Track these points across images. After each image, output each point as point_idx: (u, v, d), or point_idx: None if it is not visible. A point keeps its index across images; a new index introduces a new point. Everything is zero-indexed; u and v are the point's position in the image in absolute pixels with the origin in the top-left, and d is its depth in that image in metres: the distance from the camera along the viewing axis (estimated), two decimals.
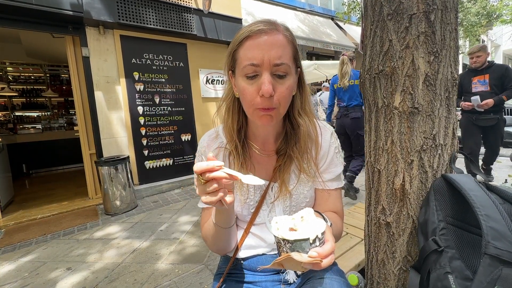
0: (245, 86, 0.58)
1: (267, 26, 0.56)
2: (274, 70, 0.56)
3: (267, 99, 0.56)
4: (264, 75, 0.55)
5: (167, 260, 2.04)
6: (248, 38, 0.56)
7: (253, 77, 0.57)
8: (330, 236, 0.49)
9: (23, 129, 5.88)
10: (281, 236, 0.45)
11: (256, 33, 0.56)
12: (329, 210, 0.72)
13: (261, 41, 0.55)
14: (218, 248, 0.71)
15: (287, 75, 0.58)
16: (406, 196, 0.76)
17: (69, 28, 3.24)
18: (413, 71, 0.71)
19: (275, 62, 0.55)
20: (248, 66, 0.56)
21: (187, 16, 3.95)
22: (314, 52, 9.18)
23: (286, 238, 0.44)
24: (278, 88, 0.57)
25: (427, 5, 0.68)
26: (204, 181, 0.45)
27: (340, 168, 0.73)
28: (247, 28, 0.57)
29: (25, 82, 6.37)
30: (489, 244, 0.50)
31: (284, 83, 0.58)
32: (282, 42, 0.57)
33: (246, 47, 0.56)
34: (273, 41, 0.55)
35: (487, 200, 0.57)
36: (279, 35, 0.57)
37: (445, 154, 0.76)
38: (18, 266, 2.11)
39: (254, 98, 0.57)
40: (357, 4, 7.92)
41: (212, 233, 0.66)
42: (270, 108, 0.57)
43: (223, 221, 0.62)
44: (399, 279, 0.80)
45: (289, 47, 0.58)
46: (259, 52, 0.55)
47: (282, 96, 0.58)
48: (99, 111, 3.47)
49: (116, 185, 3.13)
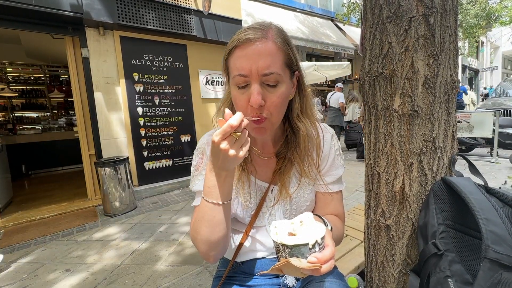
0: (237, 95, 0.57)
1: (256, 34, 0.55)
2: (264, 80, 0.55)
3: (257, 109, 0.55)
4: (253, 86, 0.55)
5: (166, 262, 2.04)
6: (236, 47, 0.55)
7: (243, 87, 0.56)
8: (330, 241, 0.48)
9: (22, 129, 5.88)
10: (280, 241, 0.45)
11: (243, 43, 0.54)
12: (330, 213, 0.72)
13: (249, 51, 0.54)
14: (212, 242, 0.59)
15: (278, 83, 0.56)
16: (406, 199, 0.76)
17: (69, 29, 3.24)
18: (413, 73, 0.71)
19: (264, 72, 0.54)
20: (237, 77, 0.55)
21: (187, 17, 3.95)
22: (313, 53, 9.20)
23: (285, 243, 0.44)
24: (268, 98, 0.56)
25: (427, 8, 0.68)
26: (240, 133, 0.47)
27: (341, 170, 0.72)
28: (236, 36, 0.56)
29: (25, 83, 6.37)
30: (489, 248, 0.50)
31: (275, 92, 0.56)
32: (271, 51, 0.55)
33: (235, 57, 0.56)
34: (260, 51, 0.54)
35: (487, 203, 0.57)
36: (268, 42, 0.55)
37: (445, 157, 0.75)
38: (16, 267, 2.10)
39: (245, 108, 0.57)
40: (356, 5, 7.94)
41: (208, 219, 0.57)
42: (261, 119, 0.56)
43: (227, 190, 0.56)
44: (399, 282, 0.80)
45: (280, 54, 0.56)
46: (247, 63, 0.54)
47: (273, 106, 0.56)
48: (98, 112, 3.47)
49: (116, 186, 3.12)
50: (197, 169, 0.71)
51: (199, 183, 0.68)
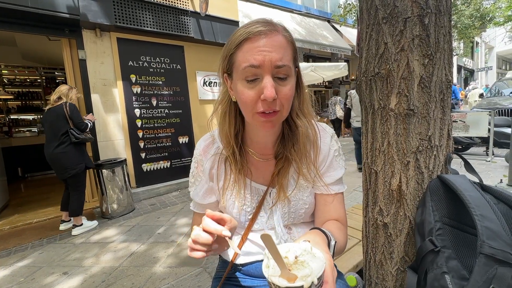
0: (245, 90, 0.55)
1: (267, 27, 0.54)
2: (275, 73, 0.54)
3: (270, 102, 0.54)
4: (266, 79, 0.53)
5: (165, 263, 2.03)
6: (247, 40, 0.54)
7: (253, 80, 0.54)
8: (330, 276, 0.42)
9: (18, 132, 5.83)
10: (271, 281, 0.39)
11: (255, 35, 0.53)
12: (331, 217, 0.69)
13: (261, 43, 0.53)
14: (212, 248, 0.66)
15: (288, 77, 0.56)
16: (403, 197, 0.76)
17: (66, 31, 3.23)
18: (408, 73, 0.72)
19: (277, 64, 0.53)
20: (248, 68, 0.53)
21: (184, 18, 3.96)
22: (310, 54, 9.25)
23: (277, 284, 0.38)
24: (280, 91, 0.55)
25: (421, 8, 0.69)
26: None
27: (340, 172, 0.70)
28: (245, 30, 0.54)
29: (21, 85, 6.32)
30: (484, 244, 0.51)
31: (286, 85, 0.56)
32: (283, 43, 0.55)
33: (245, 49, 0.54)
34: (273, 43, 0.53)
35: (482, 200, 0.58)
36: (279, 36, 0.55)
37: (441, 155, 0.77)
38: (13, 271, 2.08)
39: (255, 103, 0.55)
40: (353, 6, 8.00)
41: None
42: (274, 112, 0.55)
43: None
44: (397, 280, 0.81)
45: (290, 48, 0.56)
46: (259, 54, 0.52)
47: (285, 98, 0.56)
48: (95, 114, 3.46)
49: (113, 188, 3.11)
50: (193, 177, 0.73)
51: (193, 191, 0.72)
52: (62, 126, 2.60)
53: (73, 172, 2.63)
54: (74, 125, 2.65)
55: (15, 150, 5.28)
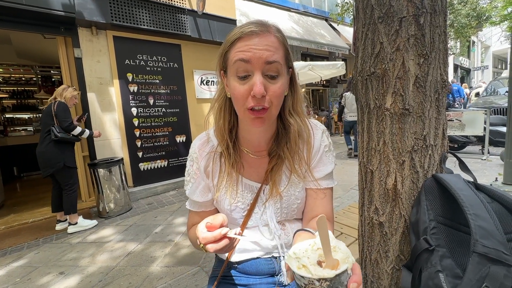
0: (237, 85, 0.57)
1: (259, 27, 0.56)
2: (266, 70, 0.56)
3: (259, 99, 0.56)
4: (256, 76, 0.55)
5: (162, 263, 2.03)
6: (239, 39, 0.56)
7: (244, 77, 0.56)
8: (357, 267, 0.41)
9: (13, 131, 5.78)
10: (317, 276, 0.36)
11: (247, 34, 0.56)
12: (318, 213, 0.69)
13: (253, 42, 0.55)
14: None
15: (279, 75, 0.58)
16: (398, 196, 0.77)
17: (61, 29, 3.20)
18: (404, 73, 0.72)
19: (267, 60, 0.55)
20: (238, 62, 0.55)
21: (181, 17, 3.93)
22: (308, 52, 9.24)
23: (323, 276, 0.35)
24: (270, 88, 0.57)
25: (417, 8, 0.69)
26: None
27: (330, 167, 0.71)
28: (238, 29, 0.57)
29: (16, 84, 6.26)
30: (477, 243, 0.52)
31: (276, 83, 0.57)
32: (274, 43, 0.57)
33: (237, 47, 0.56)
34: (265, 42, 0.56)
35: (476, 199, 0.58)
36: (271, 36, 0.57)
37: (436, 155, 0.77)
38: (9, 271, 2.06)
39: (245, 98, 0.57)
40: (350, 5, 8.00)
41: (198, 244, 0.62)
42: (264, 109, 0.57)
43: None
44: (392, 278, 0.81)
45: (281, 47, 0.59)
46: (250, 51, 0.55)
47: (275, 96, 0.57)
48: (92, 113, 3.44)
49: (110, 187, 3.09)
50: (188, 175, 0.73)
51: (189, 190, 0.73)
52: (48, 124, 2.57)
53: (51, 170, 2.56)
54: (59, 123, 2.59)
55: (11, 149, 5.23)
